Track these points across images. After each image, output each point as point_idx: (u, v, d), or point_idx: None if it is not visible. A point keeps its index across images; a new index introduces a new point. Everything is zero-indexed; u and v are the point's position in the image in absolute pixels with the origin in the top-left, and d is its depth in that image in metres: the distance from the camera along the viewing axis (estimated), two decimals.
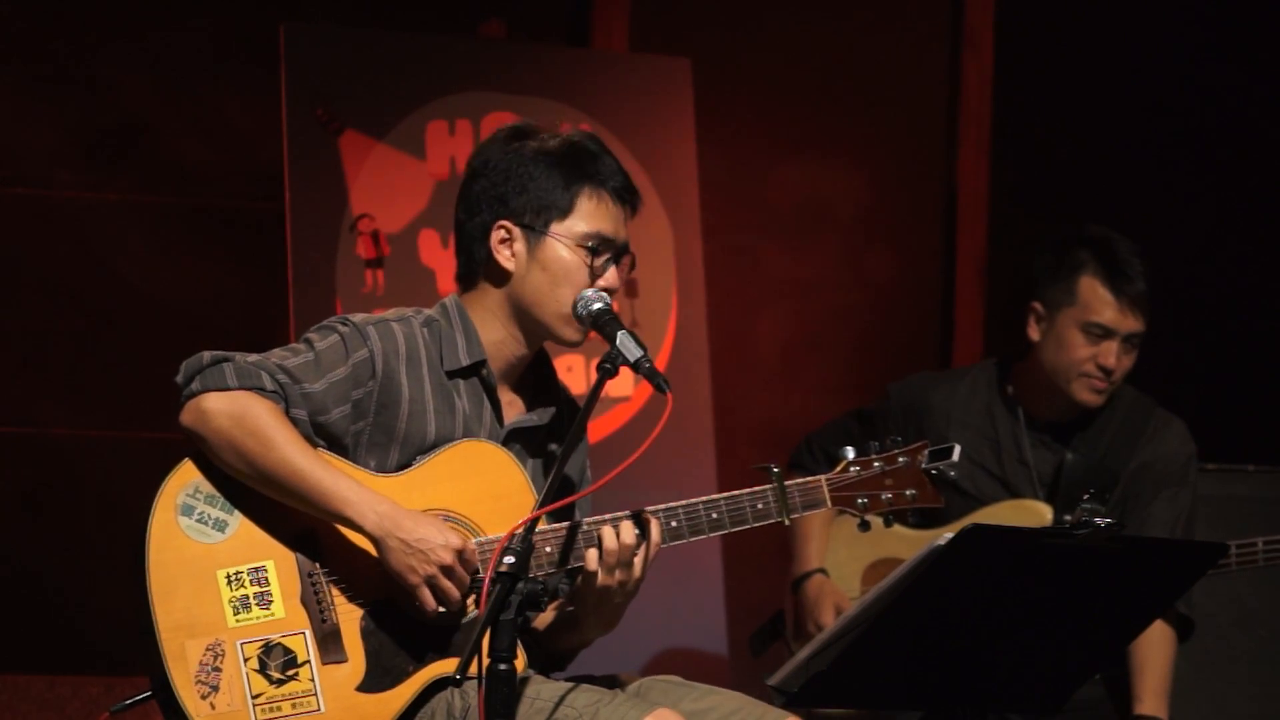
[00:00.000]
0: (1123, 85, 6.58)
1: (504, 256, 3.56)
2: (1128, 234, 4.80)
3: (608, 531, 3.42)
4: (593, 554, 3.42)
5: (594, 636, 3.58)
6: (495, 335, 3.59)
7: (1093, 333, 4.71)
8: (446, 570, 3.38)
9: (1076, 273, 4.72)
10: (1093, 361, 4.71)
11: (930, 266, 6.62)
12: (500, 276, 3.58)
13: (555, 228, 3.54)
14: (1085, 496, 4.76)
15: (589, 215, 3.54)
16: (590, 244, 3.53)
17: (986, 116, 6.57)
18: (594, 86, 5.95)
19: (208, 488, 3.42)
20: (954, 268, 6.59)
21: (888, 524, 3.66)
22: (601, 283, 3.54)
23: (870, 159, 6.56)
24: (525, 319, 3.58)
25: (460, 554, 3.38)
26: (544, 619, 3.63)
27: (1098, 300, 4.70)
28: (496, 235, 3.56)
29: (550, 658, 3.63)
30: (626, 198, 3.58)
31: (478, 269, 3.60)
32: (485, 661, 3.10)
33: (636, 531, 3.43)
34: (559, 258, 3.54)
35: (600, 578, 3.42)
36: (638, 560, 3.43)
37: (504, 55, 5.91)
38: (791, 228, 6.52)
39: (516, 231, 3.55)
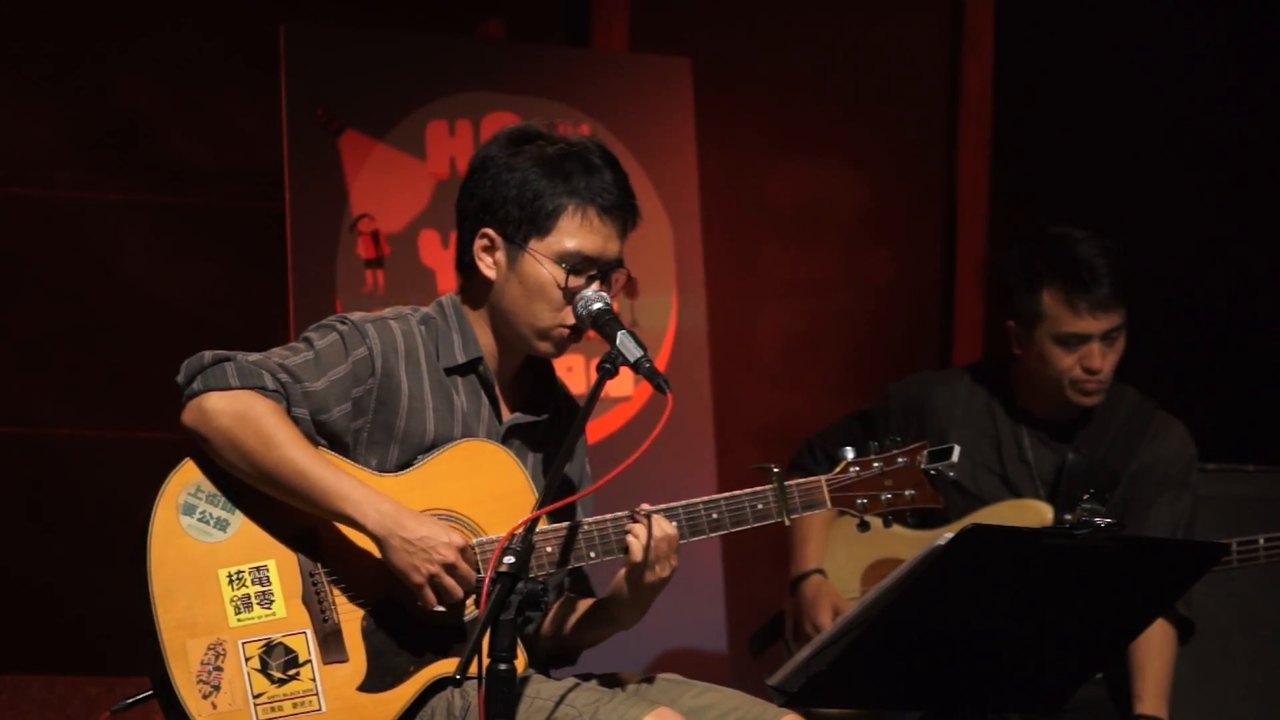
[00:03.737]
0: (1123, 86, 6.57)
1: (485, 264, 3.56)
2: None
3: (659, 520, 3.43)
4: (636, 545, 3.43)
5: (629, 625, 3.57)
6: (486, 337, 3.60)
7: (1069, 342, 4.68)
8: (449, 568, 3.38)
9: (1038, 287, 4.66)
10: (1078, 366, 4.68)
11: (930, 266, 6.62)
12: (484, 281, 3.58)
13: (534, 244, 3.51)
14: (1085, 496, 4.75)
15: (570, 234, 3.51)
16: (568, 264, 3.50)
17: (986, 117, 6.57)
18: (594, 86, 5.94)
19: (209, 487, 3.42)
20: (954, 268, 6.59)
21: (887, 524, 3.67)
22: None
23: (870, 159, 6.56)
24: (504, 327, 3.58)
25: (463, 552, 3.39)
26: (576, 614, 3.63)
27: (1064, 312, 4.65)
28: (480, 243, 3.56)
29: (566, 652, 3.65)
30: (617, 214, 3.54)
31: (468, 267, 3.61)
32: (485, 661, 3.10)
33: (674, 521, 3.46)
34: (536, 274, 3.52)
35: (645, 571, 3.43)
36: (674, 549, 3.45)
37: (504, 55, 5.90)
38: (791, 228, 6.52)
39: (499, 241, 3.54)
